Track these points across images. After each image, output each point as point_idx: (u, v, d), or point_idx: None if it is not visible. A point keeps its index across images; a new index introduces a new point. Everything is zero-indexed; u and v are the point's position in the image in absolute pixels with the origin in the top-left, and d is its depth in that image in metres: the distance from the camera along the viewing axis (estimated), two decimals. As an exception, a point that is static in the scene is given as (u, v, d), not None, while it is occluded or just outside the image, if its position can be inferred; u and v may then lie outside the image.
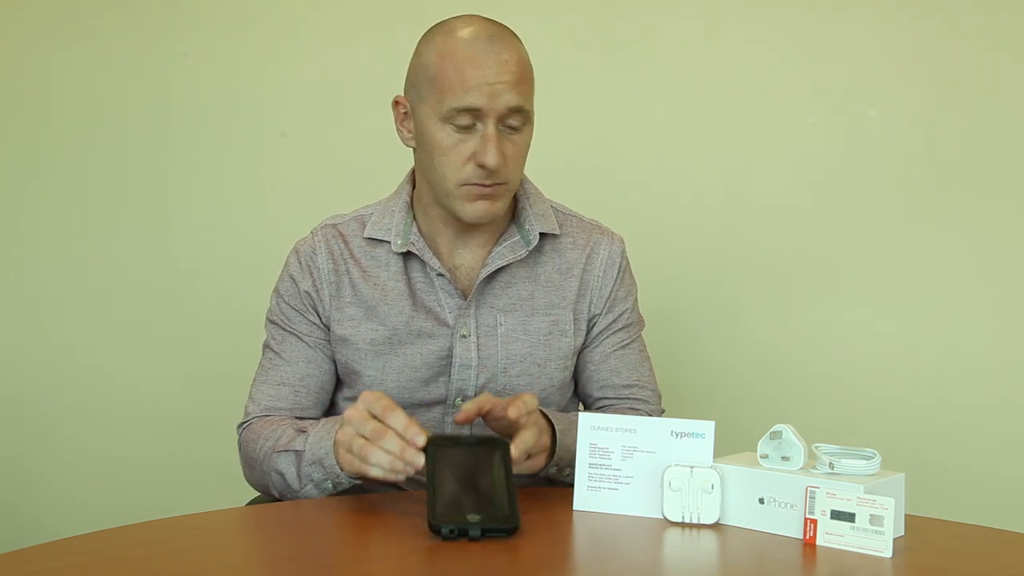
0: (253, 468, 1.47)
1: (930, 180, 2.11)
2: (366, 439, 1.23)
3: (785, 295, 2.20)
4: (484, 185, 1.41)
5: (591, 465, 1.26)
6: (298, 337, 1.52)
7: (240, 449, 1.51)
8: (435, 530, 1.10)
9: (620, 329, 1.58)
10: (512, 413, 1.27)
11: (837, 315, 2.17)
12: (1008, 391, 2.07)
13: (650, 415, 1.54)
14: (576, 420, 1.33)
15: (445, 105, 1.39)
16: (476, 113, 1.39)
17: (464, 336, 1.48)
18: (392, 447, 1.21)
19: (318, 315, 1.52)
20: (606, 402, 1.58)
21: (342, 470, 1.30)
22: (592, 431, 1.27)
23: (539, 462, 1.34)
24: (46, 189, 2.57)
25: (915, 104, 2.12)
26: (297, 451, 1.37)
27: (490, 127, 1.39)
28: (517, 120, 1.41)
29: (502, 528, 1.12)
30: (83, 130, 2.54)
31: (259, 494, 1.54)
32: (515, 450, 1.24)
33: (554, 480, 1.44)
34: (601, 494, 1.26)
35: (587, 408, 1.62)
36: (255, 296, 2.46)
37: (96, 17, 2.52)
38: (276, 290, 1.56)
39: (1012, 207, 2.07)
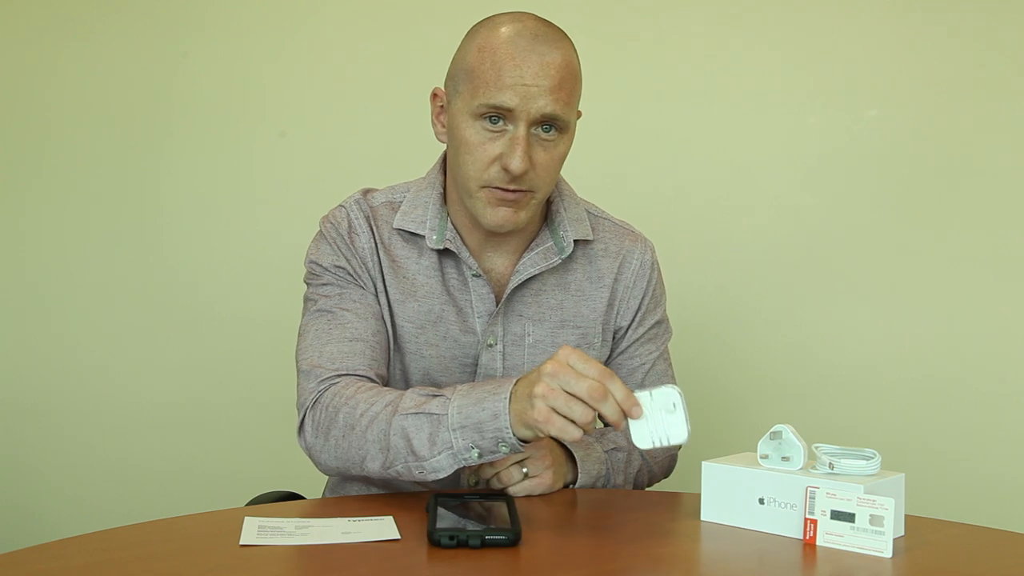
0: (348, 435, 1.29)
1: (930, 180, 2.11)
2: (575, 396, 1.13)
3: (785, 295, 2.20)
4: (507, 190, 1.34)
5: None
6: (364, 291, 1.41)
7: (323, 412, 1.32)
8: (435, 542, 1.10)
9: (649, 340, 1.54)
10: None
11: (837, 315, 2.17)
12: (1008, 391, 2.07)
13: None
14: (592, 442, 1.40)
15: (476, 100, 1.32)
16: (508, 113, 1.32)
17: (490, 345, 1.43)
18: (611, 412, 1.13)
19: (372, 285, 1.43)
20: None
21: (514, 435, 1.17)
22: None
23: (547, 479, 1.34)
24: (46, 189, 2.57)
25: (915, 104, 2.12)
26: (434, 414, 1.21)
27: (520, 129, 1.31)
28: (552, 128, 1.34)
29: (503, 536, 1.11)
30: (83, 130, 2.54)
31: (259, 494, 1.53)
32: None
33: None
34: None
35: None
36: (255, 296, 2.46)
37: (96, 17, 2.52)
38: (317, 262, 1.44)
39: (1012, 206, 2.07)
